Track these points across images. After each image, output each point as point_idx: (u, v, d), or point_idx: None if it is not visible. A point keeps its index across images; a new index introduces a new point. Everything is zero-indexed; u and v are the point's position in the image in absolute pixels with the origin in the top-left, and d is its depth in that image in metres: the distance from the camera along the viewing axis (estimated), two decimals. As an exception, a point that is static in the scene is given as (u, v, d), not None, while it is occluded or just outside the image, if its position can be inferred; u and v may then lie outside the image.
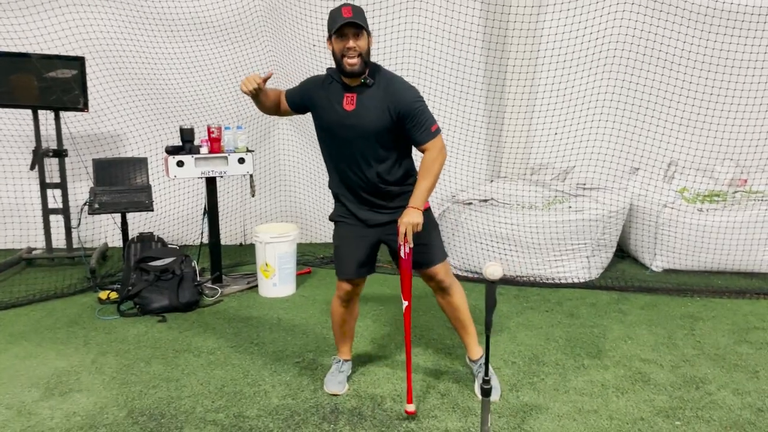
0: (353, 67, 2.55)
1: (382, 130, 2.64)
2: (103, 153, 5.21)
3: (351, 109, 2.64)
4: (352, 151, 2.69)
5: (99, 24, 5.04)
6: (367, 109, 2.62)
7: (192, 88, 5.32)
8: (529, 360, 3.34)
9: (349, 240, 2.86)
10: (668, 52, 5.17)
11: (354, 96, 2.64)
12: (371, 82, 2.63)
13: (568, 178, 5.31)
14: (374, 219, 2.81)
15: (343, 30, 2.52)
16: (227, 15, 5.16)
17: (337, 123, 2.67)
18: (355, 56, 2.54)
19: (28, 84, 4.69)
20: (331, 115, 2.68)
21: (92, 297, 4.39)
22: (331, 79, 2.70)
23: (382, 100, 2.61)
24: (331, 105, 2.67)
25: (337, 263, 2.92)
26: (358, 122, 2.63)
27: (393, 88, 2.64)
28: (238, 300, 4.35)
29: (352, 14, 2.51)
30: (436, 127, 2.67)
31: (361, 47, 2.54)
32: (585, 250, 4.65)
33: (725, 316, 3.98)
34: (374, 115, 2.62)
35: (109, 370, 3.26)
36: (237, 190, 5.68)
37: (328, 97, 2.69)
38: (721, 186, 5.17)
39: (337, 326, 3.08)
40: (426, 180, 2.65)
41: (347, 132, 2.66)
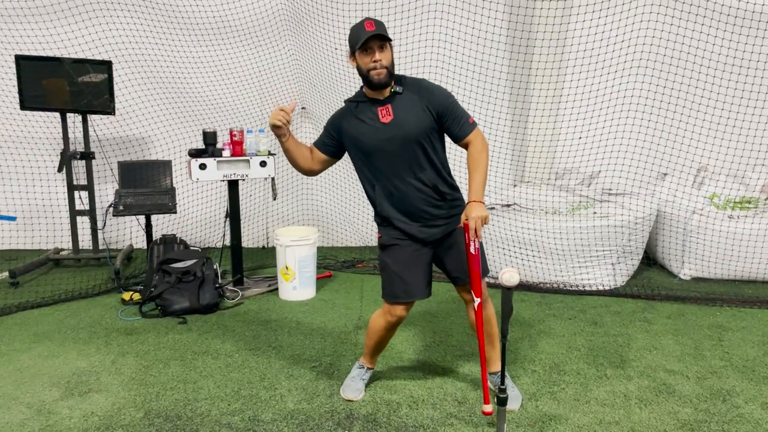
0: (380, 77, 2.55)
1: (425, 132, 2.62)
2: (129, 156, 5.29)
3: (389, 120, 2.62)
4: (398, 163, 2.65)
5: (125, 29, 5.12)
6: (405, 115, 2.61)
7: (215, 92, 5.36)
8: (549, 369, 3.28)
9: (408, 262, 2.76)
10: (697, 54, 5.05)
11: (388, 107, 2.63)
12: (401, 89, 2.63)
13: (594, 183, 5.22)
14: (431, 235, 2.75)
15: (368, 43, 2.52)
16: (251, 19, 5.20)
17: (379, 139, 2.64)
18: (382, 68, 2.54)
19: (60, 88, 4.77)
20: (370, 133, 2.65)
21: (116, 298, 4.44)
22: (356, 102, 2.71)
23: (417, 102, 2.62)
24: (367, 125, 2.66)
25: (391, 288, 2.80)
26: (400, 130, 2.61)
27: (424, 89, 2.65)
28: (258, 303, 4.36)
29: (375, 27, 2.51)
30: (473, 119, 2.67)
31: (387, 59, 2.55)
32: (610, 257, 4.55)
33: (755, 326, 3.86)
34: (414, 118, 2.61)
35: (128, 371, 3.28)
36: (259, 193, 5.71)
37: (360, 119, 2.67)
38: (753, 192, 5.02)
39: (374, 341, 2.99)
40: (478, 172, 2.60)
41: (391, 144, 2.63)
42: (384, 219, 2.80)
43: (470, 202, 2.57)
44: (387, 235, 2.81)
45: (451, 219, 2.76)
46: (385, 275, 2.82)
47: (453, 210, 2.76)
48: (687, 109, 5.12)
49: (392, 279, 2.79)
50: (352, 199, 5.74)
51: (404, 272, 2.77)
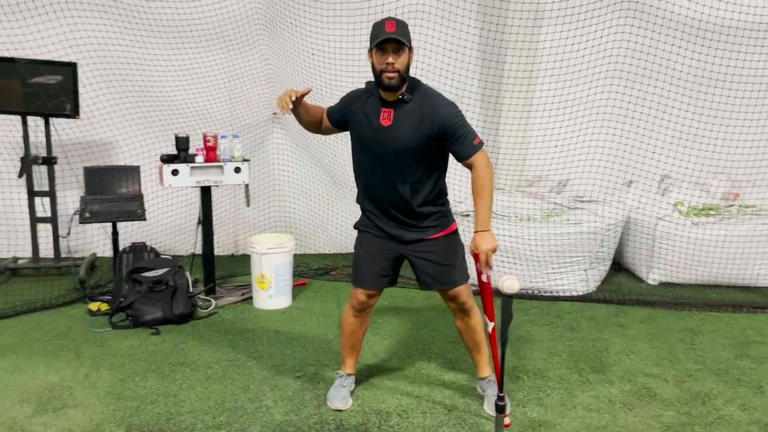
0: (391, 81, 2.53)
1: (419, 147, 2.60)
2: (95, 161, 5.10)
3: (387, 124, 2.61)
4: (385, 167, 2.66)
5: (93, 30, 4.94)
6: (404, 125, 2.59)
7: (186, 96, 5.23)
8: (533, 375, 3.30)
9: (372, 250, 2.83)
10: (664, 65, 5.21)
11: (391, 111, 2.61)
12: (409, 98, 2.60)
13: (564, 191, 5.31)
14: (402, 236, 2.77)
15: (383, 45, 2.50)
16: (224, 22, 5.10)
17: (373, 138, 2.65)
18: (394, 71, 2.51)
19: (12, 89, 4.58)
20: (367, 129, 2.66)
21: (82, 309, 4.27)
22: (370, 93, 2.69)
23: (420, 116, 2.58)
24: (368, 119, 2.65)
25: (355, 272, 2.89)
26: (394, 138, 2.60)
27: (431, 104, 2.61)
28: (233, 312, 4.26)
29: (394, 29, 2.48)
30: (479, 140, 2.61)
31: (401, 63, 2.52)
32: (583, 263, 4.63)
33: (724, 330, 3.98)
34: (411, 131, 2.59)
35: (103, 385, 3.16)
36: (229, 200, 5.60)
37: (365, 111, 2.67)
38: (715, 200, 5.20)
39: (346, 336, 3.03)
40: (483, 199, 2.58)
41: (382, 148, 2.63)
42: (362, 208, 2.88)
43: (479, 232, 2.55)
44: (361, 221, 2.90)
45: (429, 228, 2.75)
46: (354, 258, 2.91)
47: (431, 223, 2.76)
48: (652, 117, 5.28)
49: (355, 263, 2.89)
50: (325, 205, 5.69)
51: (365, 258, 2.84)
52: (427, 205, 2.72)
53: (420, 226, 2.75)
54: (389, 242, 2.80)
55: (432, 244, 2.76)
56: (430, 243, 2.76)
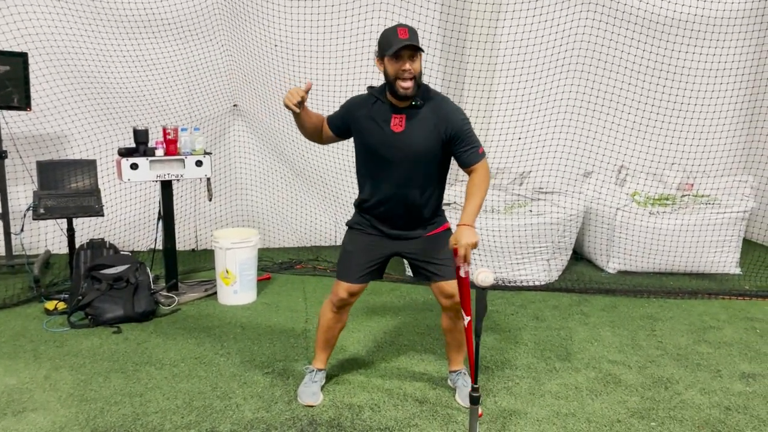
0: (407, 91, 2.51)
1: (432, 153, 2.62)
2: (48, 155, 4.92)
3: (399, 130, 2.59)
4: (394, 172, 2.64)
5: (45, 19, 4.74)
6: (416, 131, 2.59)
7: (145, 88, 5.09)
8: (501, 364, 3.35)
9: (363, 246, 2.81)
10: (621, 58, 5.32)
11: (403, 117, 2.60)
12: (421, 103, 2.60)
13: (526, 182, 5.38)
14: (402, 236, 2.78)
15: (400, 52, 2.47)
16: (182, 11, 4.97)
17: (384, 144, 2.62)
18: (410, 78, 2.49)
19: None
20: (378, 135, 2.62)
21: (38, 308, 4.13)
22: (375, 98, 2.66)
23: (433, 122, 2.59)
24: (378, 125, 2.62)
25: (341, 266, 2.87)
26: (406, 144, 2.59)
27: (443, 110, 2.61)
28: (197, 308, 4.18)
29: (408, 36, 2.46)
30: (483, 150, 2.65)
31: (416, 69, 2.50)
32: (545, 253, 4.71)
33: (682, 316, 4.11)
34: (424, 137, 2.59)
35: (64, 386, 3.06)
36: (190, 193, 5.48)
37: (373, 117, 2.64)
38: (670, 190, 5.35)
39: (322, 331, 2.99)
40: (476, 197, 2.59)
41: (393, 153, 2.61)
42: (360, 208, 2.83)
43: (461, 225, 2.53)
44: (355, 219, 2.86)
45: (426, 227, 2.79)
46: (342, 253, 2.89)
47: (430, 228, 2.80)
48: (611, 110, 5.39)
49: (343, 259, 2.87)
50: (288, 198, 5.63)
51: (355, 255, 2.82)
52: (429, 210, 2.75)
53: (416, 229, 2.78)
54: (385, 240, 2.80)
55: (430, 240, 2.79)
56: (429, 239, 2.78)
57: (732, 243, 4.97)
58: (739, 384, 3.15)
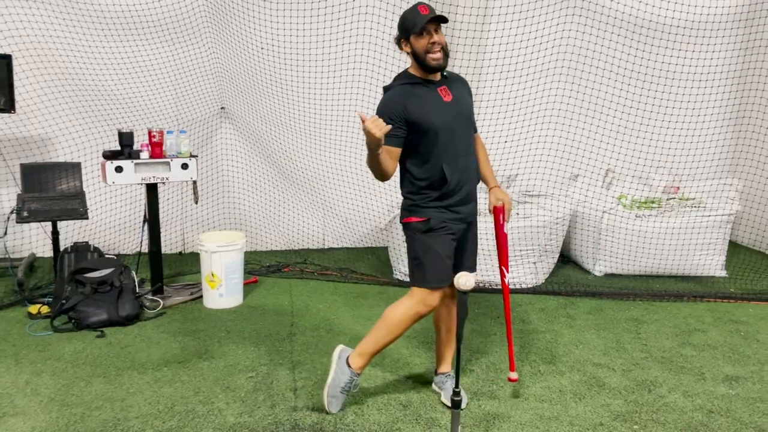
0: (438, 62, 2.60)
1: (473, 115, 2.84)
2: (33, 157, 4.88)
3: (450, 99, 2.70)
4: (460, 142, 2.73)
5: (29, 21, 4.71)
6: (461, 96, 2.76)
7: (130, 90, 5.06)
8: (486, 368, 3.34)
9: (451, 246, 2.78)
10: (607, 62, 5.34)
11: (445, 88, 2.71)
12: (447, 74, 2.75)
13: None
14: (471, 213, 2.85)
15: (426, 27, 2.56)
16: (168, 14, 4.94)
17: (446, 116, 2.68)
18: (439, 50, 2.59)
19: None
20: (438, 111, 2.67)
21: (21, 312, 4.09)
22: (410, 84, 2.69)
23: (463, 87, 2.80)
24: (432, 104, 2.67)
25: (433, 273, 2.72)
26: (460, 109, 2.73)
27: (462, 80, 2.84)
28: (182, 312, 4.16)
29: (429, 11, 2.57)
30: None
31: (443, 41, 2.60)
32: (532, 256, 4.72)
33: (667, 319, 4.12)
34: (468, 101, 2.80)
35: (45, 391, 3.03)
36: (176, 196, 5.46)
37: (422, 99, 2.66)
38: (656, 193, 5.37)
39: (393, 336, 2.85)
40: (489, 162, 2.96)
41: (455, 122, 2.70)
42: (439, 199, 2.71)
43: (496, 187, 2.90)
44: (437, 219, 2.72)
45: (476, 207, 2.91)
46: (429, 259, 2.72)
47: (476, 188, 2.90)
48: (597, 113, 5.41)
49: (436, 262, 2.72)
50: (275, 201, 5.61)
51: (449, 256, 2.77)
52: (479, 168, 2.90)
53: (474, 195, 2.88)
54: (462, 226, 2.81)
55: (475, 224, 2.91)
56: (474, 223, 2.91)
57: (718, 246, 4.99)
58: (722, 387, 3.16)
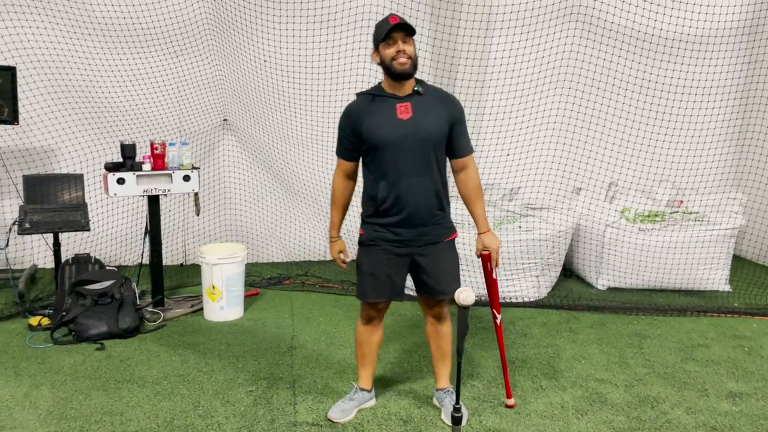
0: (404, 66, 2.56)
1: (441, 134, 2.66)
2: (35, 169, 4.89)
3: (407, 117, 2.62)
4: (410, 161, 2.63)
5: (34, 33, 4.74)
6: (424, 115, 2.64)
7: (133, 102, 5.08)
8: (488, 382, 3.32)
9: (382, 263, 2.77)
10: (611, 75, 5.34)
11: (408, 105, 2.63)
12: (421, 90, 2.66)
13: (515, 198, 5.38)
14: (419, 239, 2.74)
15: (391, 34, 2.56)
16: (171, 26, 4.97)
17: (394, 133, 2.62)
18: (406, 58, 2.56)
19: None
20: (386, 127, 2.63)
21: (22, 323, 4.08)
22: (373, 96, 2.69)
23: (436, 106, 2.67)
24: (384, 118, 2.63)
25: (360, 287, 2.85)
26: (416, 129, 2.62)
27: (445, 96, 2.74)
28: (182, 325, 4.14)
29: (399, 20, 2.56)
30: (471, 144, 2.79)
31: (411, 51, 2.57)
32: (534, 270, 4.70)
33: (670, 333, 4.09)
34: (432, 120, 2.64)
35: (44, 404, 3.02)
36: (178, 208, 5.46)
37: (377, 112, 2.65)
38: (660, 207, 5.35)
39: (358, 350, 3.00)
40: (481, 200, 2.78)
41: (405, 141, 2.62)
42: (375, 215, 2.75)
43: (484, 233, 2.79)
44: (369, 233, 2.79)
45: (440, 231, 2.77)
46: (359, 274, 2.85)
47: (441, 222, 2.78)
48: (600, 127, 5.41)
49: (363, 278, 2.82)
50: (277, 213, 5.60)
51: (376, 272, 2.77)
52: (446, 198, 2.78)
53: (440, 225, 2.76)
54: (399, 251, 2.75)
55: (443, 248, 2.79)
56: (441, 246, 2.78)
57: (721, 260, 4.96)
58: (725, 403, 3.12)
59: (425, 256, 2.75)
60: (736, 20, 5.54)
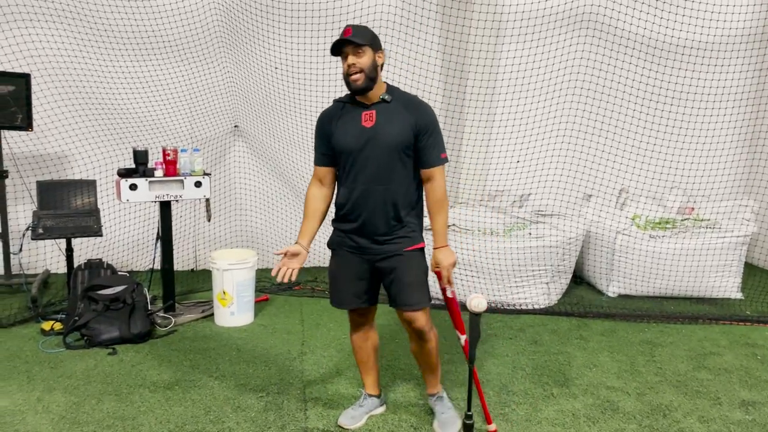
0: (356, 83, 2.53)
1: (405, 144, 2.60)
2: (49, 174, 4.94)
3: (370, 125, 2.60)
4: (371, 170, 2.61)
5: (47, 40, 4.80)
6: (388, 123, 2.59)
7: (145, 108, 5.13)
8: (498, 389, 3.31)
9: (343, 270, 2.78)
10: (621, 82, 5.34)
11: (373, 112, 2.61)
12: (389, 98, 2.62)
13: (525, 205, 5.37)
14: (377, 249, 2.69)
15: (340, 49, 2.54)
16: (183, 33, 5.02)
17: (357, 140, 2.61)
18: (356, 72, 2.52)
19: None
20: (350, 135, 2.62)
21: (34, 328, 4.12)
22: (343, 103, 2.69)
23: (403, 115, 2.60)
24: (349, 125, 2.63)
25: (331, 292, 2.87)
26: (378, 137, 2.59)
27: (415, 103, 2.65)
28: (193, 330, 4.16)
29: (351, 33, 2.51)
30: (445, 155, 2.67)
31: (362, 64, 2.52)
32: (545, 276, 4.69)
33: (681, 341, 4.07)
34: (396, 129, 2.59)
35: (57, 409, 3.04)
36: (189, 213, 5.49)
37: (344, 119, 2.66)
38: (671, 214, 5.33)
39: (354, 352, 3.01)
40: (444, 213, 2.66)
41: (368, 149, 2.60)
42: (338, 220, 2.78)
43: (439, 248, 2.64)
44: (334, 238, 2.81)
45: (402, 240, 2.67)
46: (329, 279, 2.90)
47: (403, 234, 2.68)
48: (610, 134, 5.40)
49: (330, 284, 2.88)
50: (287, 219, 5.62)
51: (337, 279, 2.81)
52: (409, 208, 2.69)
53: (398, 235, 2.67)
54: (359, 259, 2.72)
55: (402, 259, 2.67)
56: (400, 258, 2.67)
57: (733, 267, 4.93)
58: (738, 412, 3.10)
59: (385, 267, 2.69)
60: (747, 27, 5.52)
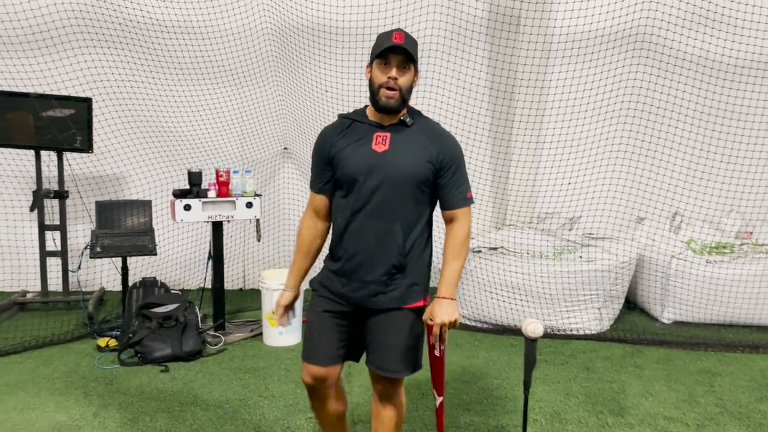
0: (389, 101, 2.12)
1: (421, 176, 2.16)
2: (107, 195, 5.11)
3: (383, 150, 2.16)
4: (375, 199, 2.16)
5: (107, 65, 5.01)
6: (404, 151, 2.16)
7: (197, 131, 5.28)
8: (551, 417, 3.23)
9: (321, 321, 2.30)
10: (675, 103, 5.22)
11: (388, 135, 2.18)
12: (411, 121, 2.20)
13: (575, 227, 5.28)
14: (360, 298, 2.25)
15: (388, 55, 2.12)
16: (236, 58, 5.16)
17: (364, 165, 2.16)
18: (395, 88, 2.11)
19: (24, 123, 4.62)
20: (355, 158, 2.18)
21: (90, 344, 4.23)
22: (350, 121, 2.26)
23: (423, 143, 2.18)
24: (356, 147, 2.19)
25: (304, 341, 2.39)
26: (390, 165, 2.14)
27: (438, 133, 2.23)
28: (243, 349, 4.21)
29: (403, 41, 2.09)
30: (471, 194, 2.25)
31: (404, 81, 2.13)
32: (596, 301, 4.58)
33: (742, 371, 3.91)
34: (412, 159, 2.16)
35: (112, 425, 3.10)
36: (239, 233, 5.59)
37: (350, 139, 2.22)
38: (728, 238, 5.16)
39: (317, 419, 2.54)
40: (457, 262, 2.19)
41: (375, 176, 2.15)
42: (329, 257, 2.36)
43: (439, 298, 2.14)
44: (319, 278, 2.38)
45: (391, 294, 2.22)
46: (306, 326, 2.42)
47: (398, 285, 2.23)
48: (664, 155, 5.28)
49: (306, 331, 2.39)
50: (334, 240, 5.66)
51: (313, 329, 2.32)
52: (415, 255, 2.24)
53: (390, 285, 2.22)
54: (341, 311, 2.28)
55: (399, 317, 2.23)
56: (396, 315, 2.23)
57: (796, 294, 4.73)
58: (807, 448, 2.96)
59: (372, 323, 2.25)
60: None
